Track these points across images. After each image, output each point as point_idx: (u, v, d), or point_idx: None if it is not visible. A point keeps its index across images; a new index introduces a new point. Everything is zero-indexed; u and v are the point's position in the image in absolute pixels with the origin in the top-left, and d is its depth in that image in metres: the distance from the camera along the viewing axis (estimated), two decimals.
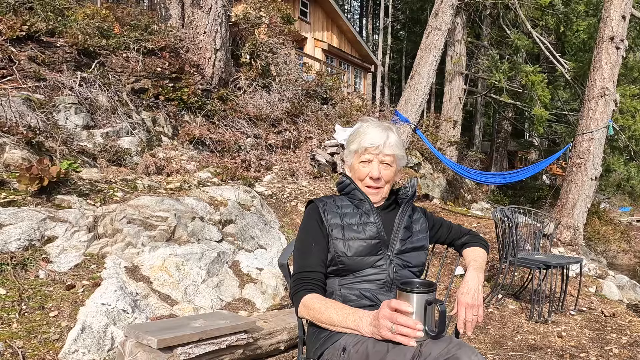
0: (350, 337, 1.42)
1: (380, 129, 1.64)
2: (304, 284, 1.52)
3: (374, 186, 1.63)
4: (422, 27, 18.69)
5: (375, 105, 14.86)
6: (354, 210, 1.63)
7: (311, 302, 1.46)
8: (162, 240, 3.62)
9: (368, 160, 1.62)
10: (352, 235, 1.57)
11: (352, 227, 1.59)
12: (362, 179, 1.64)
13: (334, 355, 1.44)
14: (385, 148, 1.61)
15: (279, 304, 3.68)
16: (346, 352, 1.39)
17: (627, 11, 6.93)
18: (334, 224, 1.59)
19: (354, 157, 1.67)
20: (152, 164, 5.09)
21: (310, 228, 1.62)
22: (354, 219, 1.61)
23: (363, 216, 1.61)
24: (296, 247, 1.63)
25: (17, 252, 2.97)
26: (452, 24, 9.47)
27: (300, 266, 1.57)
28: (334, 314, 1.40)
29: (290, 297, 1.56)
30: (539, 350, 3.32)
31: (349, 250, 1.55)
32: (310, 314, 1.46)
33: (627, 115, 9.66)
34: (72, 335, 2.53)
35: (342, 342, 1.43)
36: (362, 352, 1.34)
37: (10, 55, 5.17)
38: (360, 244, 1.56)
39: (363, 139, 1.62)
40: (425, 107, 15.04)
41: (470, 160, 15.10)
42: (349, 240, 1.56)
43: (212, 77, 7.43)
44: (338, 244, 1.56)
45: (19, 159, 3.94)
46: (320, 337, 1.51)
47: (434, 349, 1.21)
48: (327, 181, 6.85)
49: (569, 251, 6.41)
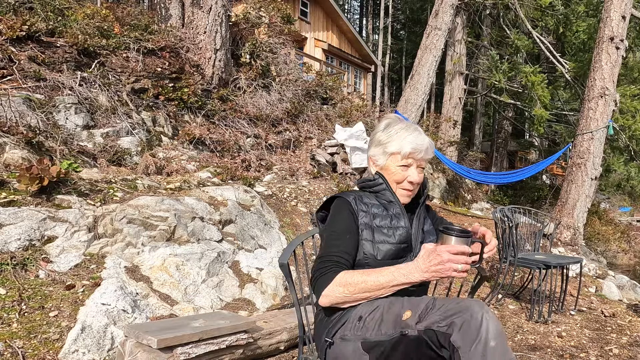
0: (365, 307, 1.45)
1: (417, 132, 1.62)
2: (332, 266, 1.46)
3: (411, 189, 1.62)
4: (422, 27, 18.70)
5: (375, 105, 14.85)
6: (383, 212, 1.60)
7: (349, 276, 1.42)
8: (162, 240, 3.62)
9: (408, 164, 1.61)
10: (382, 238, 1.54)
11: (382, 229, 1.56)
12: (400, 182, 1.62)
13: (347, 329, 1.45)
14: (426, 154, 1.61)
15: (279, 304, 3.68)
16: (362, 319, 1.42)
17: (627, 11, 6.94)
18: (364, 224, 1.56)
19: (390, 159, 1.63)
20: (152, 164, 5.09)
21: (344, 219, 1.57)
22: (385, 222, 1.58)
23: (394, 220, 1.58)
24: (325, 235, 1.58)
25: (17, 252, 2.97)
26: (452, 24, 9.47)
27: (329, 251, 1.51)
28: (380, 277, 1.40)
29: (312, 282, 1.48)
30: (539, 350, 3.32)
31: (378, 254, 1.52)
32: (349, 289, 1.41)
33: (627, 115, 9.67)
34: (72, 335, 2.53)
35: (358, 313, 1.45)
36: (377, 317, 1.39)
37: (10, 55, 5.17)
38: (390, 248, 1.54)
39: (405, 142, 1.59)
40: (425, 107, 15.04)
41: (470, 160, 15.09)
42: (379, 243, 1.54)
43: (212, 77, 7.43)
44: (367, 245, 1.53)
45: (19, 158, 3.94)
46: (332, 318, 1.51)
47: (446, 302, 1.29)
48: (327, 181, 6.85)
49: (569, 251, 6.41)
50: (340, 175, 7.32)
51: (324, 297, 1.44)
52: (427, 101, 16.12)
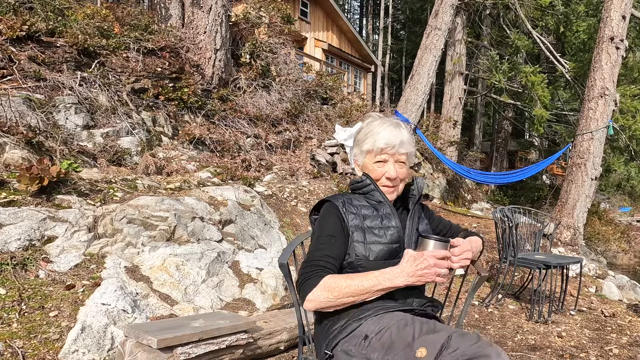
0: (371, 325, 1.41)
1: (392, 127, 1.61)
2: (317, 270, 1.44)
3: (391, 185, 1.61)
4: (422, 27, 18.70)
5: (375, 105, 14.86)
6: (373, 213, 1.59)
7: (333, 280, 1.41)
8: (162, 240, 3.62)
9: (384, 160, 1.60)
10: (373, 239, 1.53)
11: (373, 230, 1.55)
12: (378, 179, 1.61)
13: (351, 344, 1.42)
14: (400, 147, 1.59)
15: (279, 304, 3.68)
16: (368, 339, 1.39)
17: (627, 11, 6.94)
18: (354, 226, 1.54)
19: (367, 157, 1.63)
20: (152, 164, 5.10)
21: (330, 223, 1.55)
22: (375, 222, 1.56)
23: (384, 220, 1.57)
24: (313, 240, 1.57)
25: (17, 252, 2.97)
26: (452, 24, 9.48)
27: (314, 255, 1.49)
28: (364, 281, 1.40)
29: (298, 286, 1.47)
30: (539, 350, 3.32)
31: (370, 255, 1.51)
32: (334, 294, 1.39)
33: (627, 115, 9.67)
34: (72, 335, 2.53)
35: (364, 330, 1.41)
36: (386, 340, 1.35)
37: (10, 55, 5.17)
38: (382, 249, 1.52)
39: (377, 138, 1.59)
40: (425, 107, 15.04)
41: (470, 160, 15.09)
42: (370, 244, 1.52)
43: (212, 77, 7.44)
44: (359, 247, 1.52)
45: (19, 158, 3.94)
46: (333, 329, 1.48)
47: (463, 344, 1.24)
48: (327, 181, 6.86)
49: (569, 251, 6.41)
50: (340, 175, 7.32)
51: (308, 301, 1.42)
52: (427, 101, 16.13)
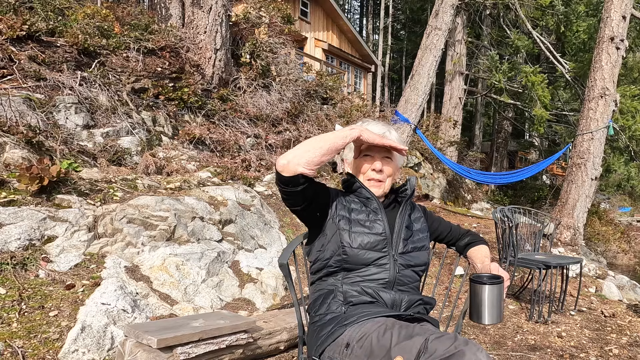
0: (353, 332, 1.42)
1: (380, 124, 1.69)
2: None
3: (377, 179, 1.65)
4: (422, 27, 18.70)
5: (375, 105, 14.86)
6: (361, 207, 1.64)
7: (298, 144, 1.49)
8: (162, 240, 3.62)
9: (371, 155, 1.66)
10: (358, 229, 1.59)
11: (359, 222, 1.61)
12: (365, 173, 1.67)
13: (335, 352, 1.44)
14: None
15: (279, 303, 3.68)
16: (350, 347, 1.40)
17: (627, 11, 6.94)
18: (341, 215, 1.61)
19: (355, 152, 1.69)
20: (152, 164, 5.09)
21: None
22: (361, 216, 1.62)
23: (371, 214, 1.63)
24: None
25: (17, 251, 2.97)
26: (452, 24, 9.48)
27: None
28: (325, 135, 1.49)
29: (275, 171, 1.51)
30: (539, 351, 3.32)
31: (353, 242, 1.56)
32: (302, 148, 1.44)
33: (627, 116, 9.67)
34: (72, 335, 2.53)
35: (345, 338, 1.43)
36: (366, 347, 1.36)
37: (10, 55, 5.17)
38: (365, 238, 1.57)
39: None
40: (426, 107, 15.05)
41: (470, 160, 15.09)
42: (355, 233, 1.58)
43: (212, 77, 7.43)
44: (344, 234, 1.57)
45: (19, 158, 3.94)
46: (321, 335, 1.51)
47: (439, 346, 1.23)
48: (327, 181, 6.86)
49: (569, 251, 6.41)
50: (340, 175, 7.32)
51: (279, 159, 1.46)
52: (427, 101, 16.13)
